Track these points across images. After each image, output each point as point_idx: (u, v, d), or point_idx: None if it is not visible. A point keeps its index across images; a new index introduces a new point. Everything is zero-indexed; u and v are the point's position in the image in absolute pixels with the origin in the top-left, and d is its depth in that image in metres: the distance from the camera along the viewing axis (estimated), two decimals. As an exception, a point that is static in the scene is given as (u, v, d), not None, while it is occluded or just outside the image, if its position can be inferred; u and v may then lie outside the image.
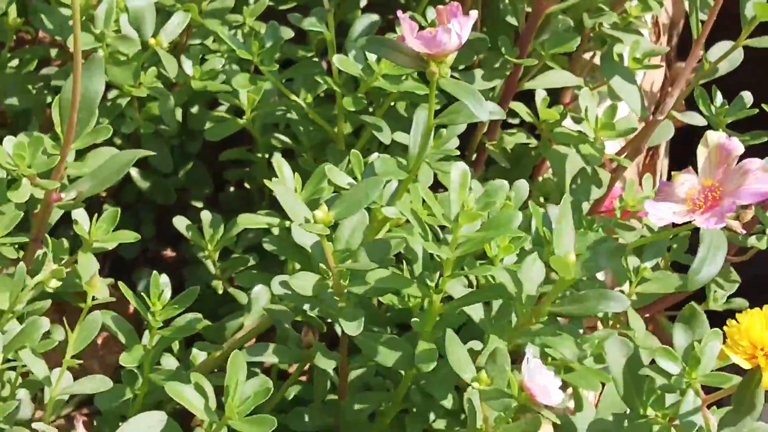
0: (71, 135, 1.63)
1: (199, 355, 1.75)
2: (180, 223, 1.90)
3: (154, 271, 1.61)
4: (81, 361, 1.59)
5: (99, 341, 2.03)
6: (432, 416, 1.64)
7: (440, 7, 1.51)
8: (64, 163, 1.66)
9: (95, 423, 1.89)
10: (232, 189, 2.20)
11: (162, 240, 2.19)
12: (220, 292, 1.94)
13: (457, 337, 1.59)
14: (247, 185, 2.17)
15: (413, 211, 1.50)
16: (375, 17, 1.87)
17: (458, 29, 1.48)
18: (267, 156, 2.02)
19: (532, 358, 1.44)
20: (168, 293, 1.61)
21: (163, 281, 1.61)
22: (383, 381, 1.72)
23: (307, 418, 1.70)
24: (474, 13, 1.50)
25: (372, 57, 1.79)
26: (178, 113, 2.01)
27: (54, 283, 1.55)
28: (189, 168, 2.13)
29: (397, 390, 1.64)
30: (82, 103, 1.62)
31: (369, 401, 1.68)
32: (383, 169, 1.60)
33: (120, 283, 1.60)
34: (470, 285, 1.65)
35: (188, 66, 1.96)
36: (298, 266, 1.74)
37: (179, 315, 1.63)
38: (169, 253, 2.21)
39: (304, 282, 1.54)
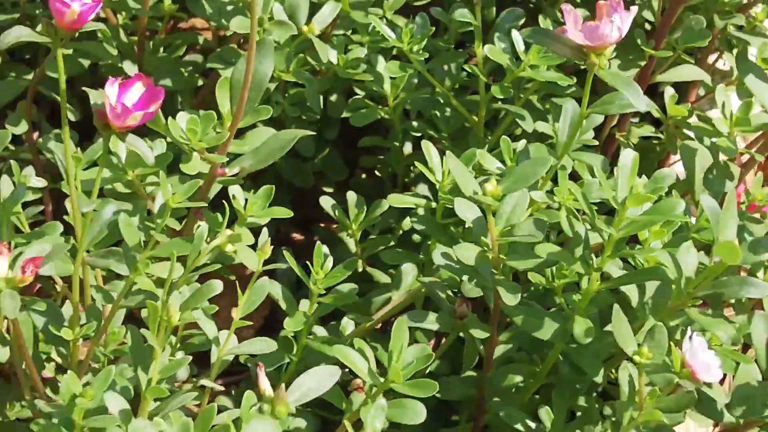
0: (240, 113, 1.72)
1: (347, 326, 1.83)
2: (326, 202, 1.99)
3: (318, 242, 1.71)
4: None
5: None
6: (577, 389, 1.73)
7: (601, 2, 1.59)
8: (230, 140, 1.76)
9: (233, 392, 1.98)
10: (363, 176, 2.29)
11: (291, 223, 2.28)
12: (360, 270, 2.03)
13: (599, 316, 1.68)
14: (377, 173, 2.26)
15: (584, 195, 1.58)
16: (520, 11, 1.96)
17: (620, 23, 1.56)
18: (400, 144, 2.11)
19: (695, 336, 1.51)
20: (330, 263, 1.70)
21: (324, 251, 1.70)
22: (525, 355, 1.80)
23: (452, 388, 1.79)
24: (634, 9, 1.58)
25: (520, 47, 1.88)
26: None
27: (230, 248, 1.64)
28: (325, 154, 2.22)
29: (545, 363, 1.72)
30: (252, 83, 1.71)
31: (515, 373, 1.76)
32: (537, 154, 1.69)
33: (285, 252, 1.70)
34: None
35: (333, 55, 2.05)
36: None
37: (337, 285, 1.73)
38: (298, 236, 2.30)
39: (467, 252, 1.62)
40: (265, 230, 1.72)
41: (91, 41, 2.09)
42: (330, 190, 2.25)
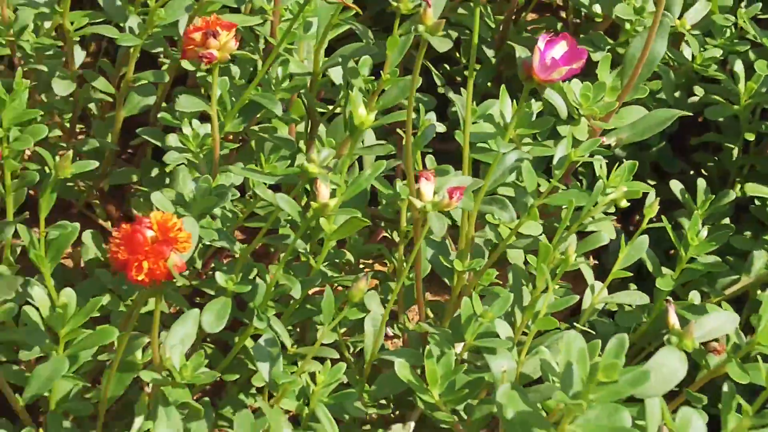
0: (630, 87, 1.87)
1: (694, 297, 1.94)
2: (675, 186, 2.11)
3: (695, 214, 1.84)
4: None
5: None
6: None
7: None
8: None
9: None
10: (691, 172, 2.41)
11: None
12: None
13: None
14: (703, 171, 2.37)
15: None
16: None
17: None
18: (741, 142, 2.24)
19: None
20: (704, 233, 1.83)
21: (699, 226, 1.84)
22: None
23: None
24: None
25: None
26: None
27: (623, 203, 1.78)
28: (661, 146, 2.34)
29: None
30: (646, 60, 1.86)
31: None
32: None
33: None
34: None
35: (688, 52, 2.19)
36: None
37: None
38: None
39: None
40: (653, 192, 1.84)
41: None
42: (652, 182, 2.37)
